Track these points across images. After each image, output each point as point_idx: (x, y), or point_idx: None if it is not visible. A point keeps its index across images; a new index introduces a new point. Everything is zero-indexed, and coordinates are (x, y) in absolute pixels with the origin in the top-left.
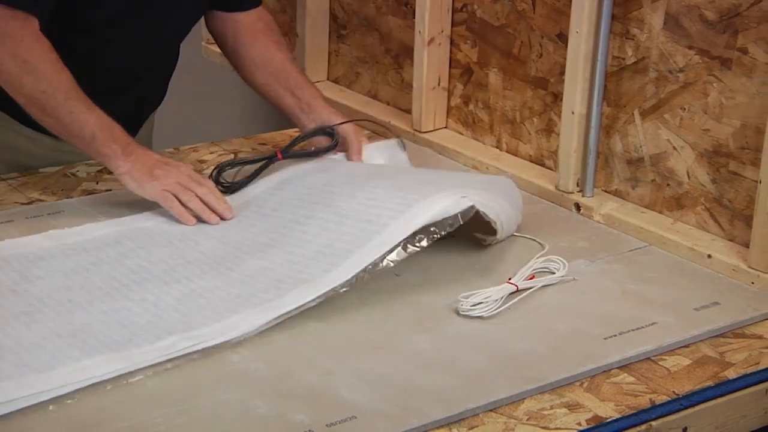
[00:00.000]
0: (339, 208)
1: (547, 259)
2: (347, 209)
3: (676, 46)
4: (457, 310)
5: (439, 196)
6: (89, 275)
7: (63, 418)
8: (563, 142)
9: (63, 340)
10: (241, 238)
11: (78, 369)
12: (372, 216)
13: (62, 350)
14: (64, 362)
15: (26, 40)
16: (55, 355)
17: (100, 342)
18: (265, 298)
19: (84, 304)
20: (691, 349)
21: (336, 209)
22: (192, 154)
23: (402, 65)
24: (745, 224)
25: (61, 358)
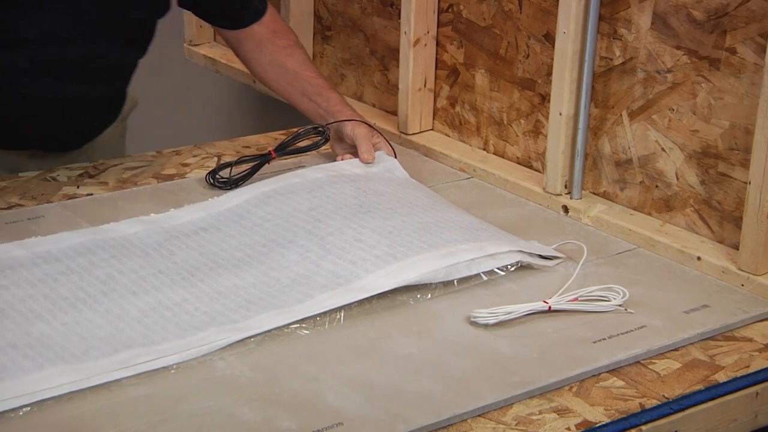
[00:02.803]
0: (323, 241)
1: (608, 288)
2: (331, 244)
3: (664, 46)
4: (469, 318)
5: (428, 256)
6: (56, 285)
7: (40, 425)
8: (551, 144)
9: (18, 351)
10: (218, 250)
11: (29, 381)
12: (357, 258)
13: (15, 362)
14: (15, 374)
15: None
16: (6, 366)
17: (55, 354)
18: (231, 318)
19: (46, 315)
20: (681, 353)
21: (320, 241)
22: (174, 158)
23: (388, 67)
24: (734, 226)
25: (12, 370)
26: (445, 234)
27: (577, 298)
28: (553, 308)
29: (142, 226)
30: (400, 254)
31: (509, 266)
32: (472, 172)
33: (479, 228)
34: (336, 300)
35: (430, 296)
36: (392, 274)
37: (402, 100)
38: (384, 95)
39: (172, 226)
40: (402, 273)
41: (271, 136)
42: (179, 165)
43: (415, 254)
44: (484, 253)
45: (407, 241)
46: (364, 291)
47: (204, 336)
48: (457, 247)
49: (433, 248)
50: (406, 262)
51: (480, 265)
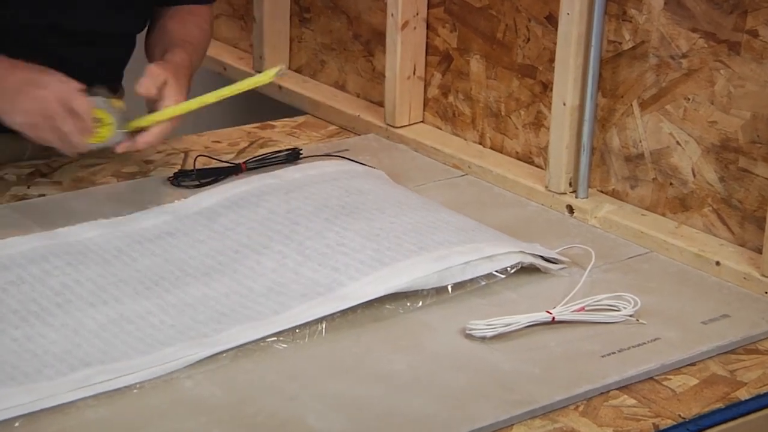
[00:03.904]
0: (302, 246)
1: (617, 296)
2: (311, 249)
3: (679, 29)
4: (464, 330)
5: (419, 259)
6: (5, 296)
7: None
8: (554, 137)
9: None
10: (186, 256)
11: None
12: (340, 264)
13: None
14: None
15: None
16: None
17: (4, 373)
18: (201, 332)
19: None
20: (699, 368)
21: (298, 246)
22: (136, 154)
23: (373, 52)
24: (756, 227)
25: None
26: (438, 235)
27: (583, 307)
28: (557, 319)
29: (100, 230)
30: (387, 258)
31: (509, 268)
32: (466, 168)
33: (476, 229)
34: (317, 310)
35: (421, 304)
36: (379, 280)
37: (389, 90)
38: (369, 84)
39: (134, 230)
40: (390, 279)
41: (244, 130)
42: (141, 162)
43: (405, 258)
44: (480, 254)
45: (396, 244)
46: (348, 300)
47: (170, 352)
48: (450, 249)
49: (425, 251)
50: (394, 267)
51: (476, 268)
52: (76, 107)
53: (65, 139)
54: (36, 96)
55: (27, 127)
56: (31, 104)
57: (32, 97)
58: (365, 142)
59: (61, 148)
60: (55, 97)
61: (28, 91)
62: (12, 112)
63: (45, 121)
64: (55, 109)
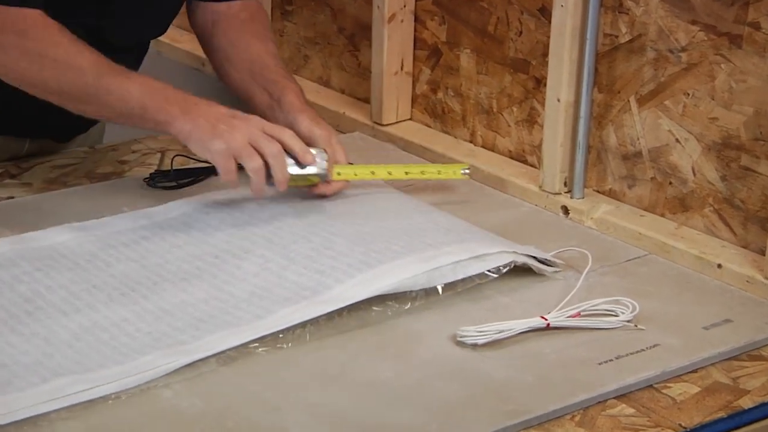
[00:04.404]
0: (286, 250)
1: (615, 301)
2: (295, 252)
3: (678, 21)
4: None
5: (407, 261)
6: None
7: None
8: (548, 135)
9: None
10: (162, 261)
11: None
12: (326, 267)
13: None
14: None
15: (33, 30)
16: None
17: None
18: (179, 339)
19: None
20: (700, 375)
21: (282, 250)
22: (111, 154)
23: (358, 46)
24: (760, 228)
25: None
26: (427, 237)
27: (579, 313)
28: (551, 325)
29: (72, 234)
30: (374, 261)
31: (501, 268)
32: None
33: (468, 230)
34: (302, 314)
35: (409, 305)
36: (366, 282)
37: (375, 86)
38: (354, 80)
39: (108, 233)
40: (377, 281)
41: None
42: (116, 162)
43: (392, 260)
44: (471, 254)
45: (384, 247)
46: (333, 303)
47: (147, 360)
48: (440, 250)
49: (413, 252)
50: (381, 268)
51: (467, 268)
52: (280, 132)
53: (261, 171)
54: (236, 124)
55: (224, 154)
56: (230, 132)
57: (232, 125)
58: (351, 141)
59: (257, 180)
60: (258, 125)
61: (228, 120)
62: (209, 139)
63: (244, 148)
64: (259, 134)
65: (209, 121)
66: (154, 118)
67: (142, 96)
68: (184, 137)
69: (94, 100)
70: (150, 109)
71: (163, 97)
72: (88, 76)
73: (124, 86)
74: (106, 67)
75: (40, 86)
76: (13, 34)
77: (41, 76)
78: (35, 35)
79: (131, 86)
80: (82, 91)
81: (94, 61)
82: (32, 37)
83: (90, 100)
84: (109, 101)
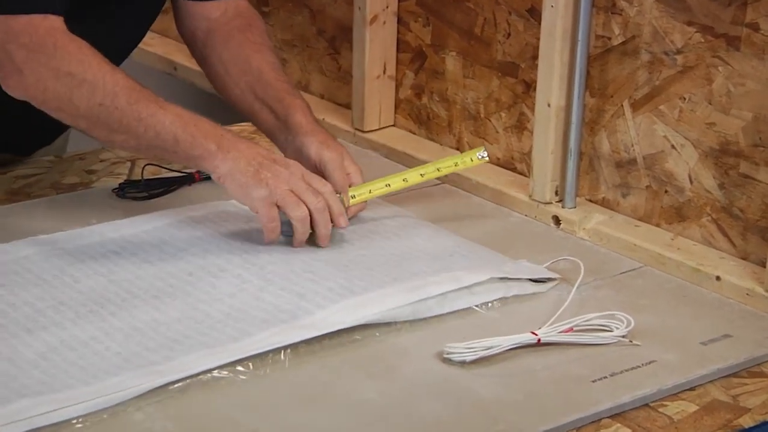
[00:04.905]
0: (264, 270)
1: (609, 315)
2: (273, 274)
3: (673, 23)
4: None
5: (392, 290)
6: None
7: None
8: (538, 142)
9: None
10: (133, 277)
11: None
12: (306, 291)
13: None
14: None
15: (60, 47)
16: None
17: None
18: (151, 360)
19: None
20: (698, 393)
21: (260, 271)
22: (78, 163)
23: (338, 49)
24: (760, 238)
25: None
26: (413, 265)
27: (571, 328)
28: (542, 341)
29: (37, 248)
30: (358, 288)
31: (490, 303)
32: (443, 177)
33: (454, 252)
34: (280, 338)
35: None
36: (349, 309)
37: (357, 91)
38: (334, 84)
39: (75, 247)
40: (360, 309)
41: None
42: (83, 172)
43: (377, 288)
44: (458, 284)
45: (367, 274)
46: (315, 328)
47: (117, 382)
48: (426, 280)
49: (398, 282)
50: (365, 297)
51: (455, 301)
52: (322, 186)
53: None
54: (279, 171)
55: (267, 202)
56: (274, 179)
57: (276, 171)
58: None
59: (302, 230)
60: (299, 173)
61: (270, 166)
62: (254, 186)
63: (289, 196)
64: (303, 185)
65: (251, 165)
66: (187, 153)
67: (176, 127)
68: (222, 176)
69: (123, 129)
70: (183, 143)
71: (198, 130)
72: (120, 100)
73: (156, 115)
74: (137, 92)
75: (69, 109)
76: (41, 52)
77: (71, 97)
78: (66, 52)
79: (165, 116)
80: (113, 117)
81: (125, 83)
82: (63, 54)
83: (119, 128)
84: (140, 131)
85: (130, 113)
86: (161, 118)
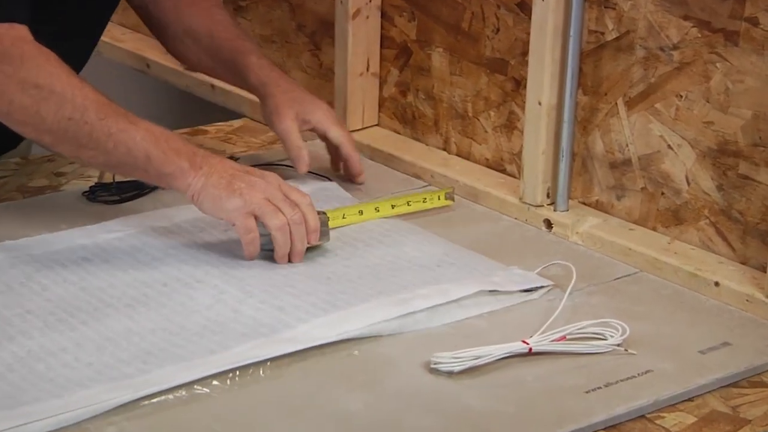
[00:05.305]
0: (243, 282)
1: (603, 323)
2: (253, 286)
3: (669, 17)
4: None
5: (377, 303)
6: None
7: None
8: (528, 142)
9: None
10: (105, 285)
11: None
12: (286, 304)
13: None
14: None
15: (28, 58)
16: None
17: None
18: (124, 372)
19: None
20: (697, 404)
21: (239, 282)
22: (46, 165)
23: (319, 45)
24: (760, 242)
25: None
26: (399, 277)
27: (564, 336)
28: (534, 350)
29: (3, 254)
30: (341, 302)
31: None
32: (429, 178)
33: (442, 262)
34: (259, 351)
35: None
36: (332, 323)
37: (339, 88)
38: (315, 81)
39: (44, 253)
40: (344, 323)
41: None
42: (51, 175)
43: (361, 302)
44: (447, 298)
45: (351, 287)
46: (296, 342)
47: (88, 395)
48: (413, 293)
49: (383, 295)
50: (349, 311)
51: (444, 315)
52: (300, 198)
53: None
54: (254, 181)
55: (242, 212)
56: (248, 189)
57: (250, 182)
58: (312, 150)
59: (282, 239)
60: (276, 183)
61: (243, 176)
62: (226, 197)
63: (266, 205)
64: (279, 196)
65: (223, 177)
66: (159, 170)
67: (148, 143)
68: (195, 193)
69: (92, 144)
70: (155, 160)
71: (170, 147)
72: (89, 114)
73: (128, 131)
74: (107, 107)
75: (35, 123)
76: (6, 63)
77: (37, 110)
78: (34, 63)
79: (136, 132)
80: (81, 132)
81: (96, 99)
82: (30, 65)
83: (87, 144)
84: (109, 147)
85: (100, 128)
86: (132, 134)
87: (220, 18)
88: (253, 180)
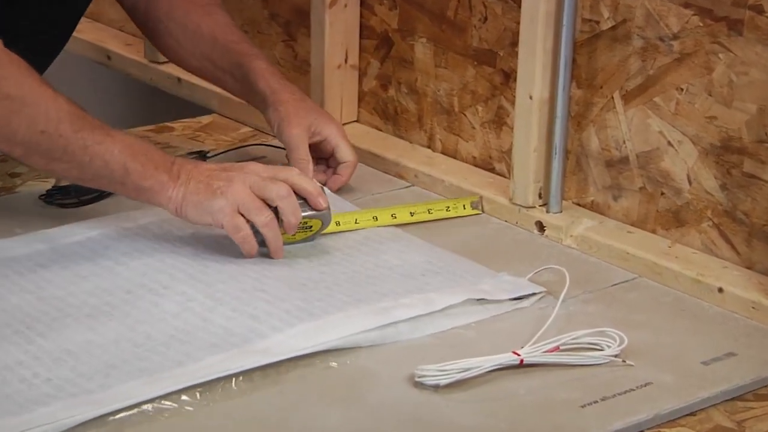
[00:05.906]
0: (212, 289)
1: (599, 332)
2: (223, 293)
3: (669, 4)
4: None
5: (356, 312)
6: None
7: None
8: (519, 139)
9: None
10: (64, 294)
11: None
12: (259, 312)
13: None
14: None
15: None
16: None
17: None
18: (85, 388)
19: None
20: (699, 418)
21: (207, 289)
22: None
23: (294, 36)
24: (767, 245)
25: None
26: (380, 285)
27: (558, 347)
28: (526, 361)
29: None
30: (318, 310)
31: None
32: (412, 178)
33: (427, 270)
34: (231, 363)
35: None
36: (308, 333)
37: (315, 81)
38: (290, 75)
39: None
40: (321, 333)
41: (136, 134)
42: (5, 176)
43: (339, 311)
44: (431, 308)
45: (327, 294)
46: (270, 354)
47: (47, 412)
48: (396, 302)
49: (363, 303)
50: (326, 319)
51: (428, 325)
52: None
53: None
54: (231, 176)
55: (228, 211)
56: (228, 185)
57: (228, 178)
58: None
59: (272, 236)
60: (255, 170)
61: (220, 174)
62: (208, 200)
63: (250, 200)
64: (260, 181)
65: (201, 182)
66: (137, 184)
67: (125, 156)
68: (177, 206)
69: (66, 158)
70: (134, 173)
71: (149, 160)
72: (63, 127)
73: (105, 143)
74: (82, 119)
75: (4, 134)
76: None
77: (9, 122)
78: (4, 72)
79: (113, 144)
80: (55, 145)
81: (70, 110)
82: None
83: (61, 157)
84: (85, 160)
85: (75, 141)
86: (109, 147)
87: (222, 19)
88: (231, 175)
